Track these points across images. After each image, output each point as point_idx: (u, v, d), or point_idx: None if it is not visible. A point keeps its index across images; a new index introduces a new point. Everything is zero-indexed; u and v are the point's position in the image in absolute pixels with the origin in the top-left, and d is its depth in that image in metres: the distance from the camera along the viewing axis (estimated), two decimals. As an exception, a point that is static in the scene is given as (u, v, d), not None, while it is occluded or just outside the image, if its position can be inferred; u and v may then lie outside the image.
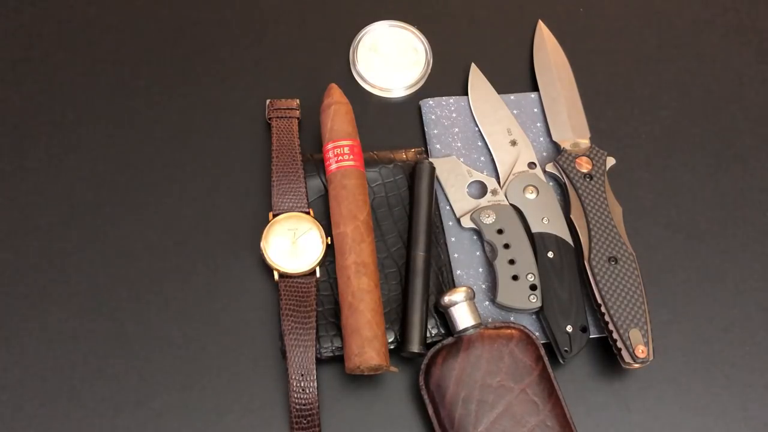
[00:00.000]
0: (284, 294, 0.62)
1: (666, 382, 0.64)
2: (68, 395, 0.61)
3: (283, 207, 0.65)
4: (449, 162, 0.69)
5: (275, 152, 0.67)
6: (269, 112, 0.70)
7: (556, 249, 0.65)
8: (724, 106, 0.75)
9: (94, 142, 0.69)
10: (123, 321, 0.63)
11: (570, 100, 0.73)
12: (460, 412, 0.58)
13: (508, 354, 0.60)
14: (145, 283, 0.64)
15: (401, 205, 0.67)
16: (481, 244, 0.67)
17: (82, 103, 0.71)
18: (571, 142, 0.70)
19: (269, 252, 0.63)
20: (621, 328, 0.61)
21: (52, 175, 0.68)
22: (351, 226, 0.62)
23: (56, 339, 0.62)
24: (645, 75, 0.76)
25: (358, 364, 0.58)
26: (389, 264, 0.65)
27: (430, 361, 0.60)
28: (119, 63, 0.73)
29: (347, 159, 0.64)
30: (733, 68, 0.77)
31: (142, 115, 0.71)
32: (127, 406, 0.61)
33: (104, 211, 0.67)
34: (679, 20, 0.79)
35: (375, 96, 0.74)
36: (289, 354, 0.60)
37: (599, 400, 0.63)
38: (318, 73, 0.74)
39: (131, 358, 0.62)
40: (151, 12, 0.75)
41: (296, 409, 0.60)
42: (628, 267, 0.63)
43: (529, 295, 0.63)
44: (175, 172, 0.69)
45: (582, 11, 0.79)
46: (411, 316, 0.62)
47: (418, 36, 0.75)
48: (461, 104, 0.72)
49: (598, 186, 0.67)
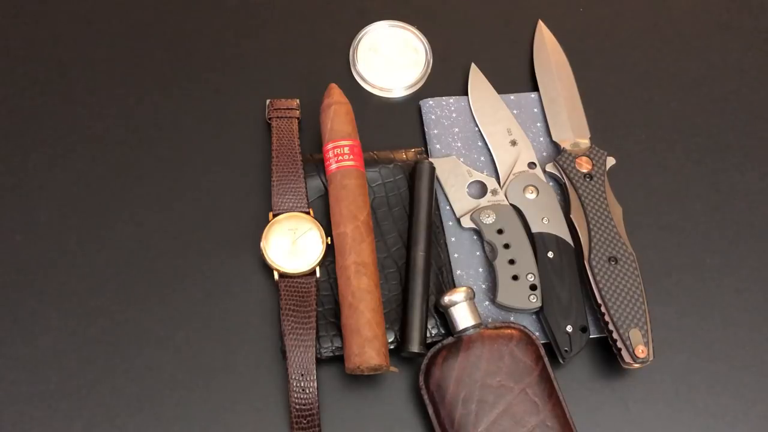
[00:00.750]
0: (284, 294, 0.62)
1: (666, 382, 0.64)
2: (68, 395, 0.61)
3: (283, 207, 0.65)
4: (449, 162, 0.69)
5: (275, 152, 0.67)
6: (269, 112, 0.70)
7: (556, 249, 0.65)
8: (724, 105, 0.75)
9: (93, 142, 0.69)
10: (123, 321, 0.63)
11: (570, 100, 0.73)
12: (460, 412, 0.58)
13: (508, 354, 0.60)
14: (144, 283, 0.64)
15: (401, 205, 0.67)
16: (481, 244, 0.67)
17: (82, 102, 0.71)
18: (571, 142, 0.70)
19: (269, 252, 0.63)
20: (621, 328, 0.61)
21: (52, 175, 0.68)
22: (351, 226, 0.62)
23: (56, 339, 0.62)
24: (645, 75, 0.76)
25: (358, 364, 0.58)
26: (389, 264, 0.65)
27: (430, 361, 0.60)
28: (119, 63, 0.73)
29: (347, 159, 0.64)
30: (734, 68, 0.77)
31: (142, 115, 0.71)
32: (127, 406, 0.61)
33: (104, 210, 0.67)
34: (679, 20, 0.79)
35: (375, 96, 0.74)
36: (289, 354, 0.60)
37: (599, 400, 0.63)
38: (318, 73, 0.74)
39: (131, 358, 0.62)
40: (150, 12, 0.75)
41: (296, 409, 0.60)
42: (628, 267, 0.63)
43: (529, 295, 0.63)
44: (175, 172, 0.69)
45: (582, 11, 0.79)
46: (411, 316, 0.62)
47: (418, 36, 0.75)
48: (461, 104, 0.72)
49: (598, 186, 0.67)
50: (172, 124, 0.71)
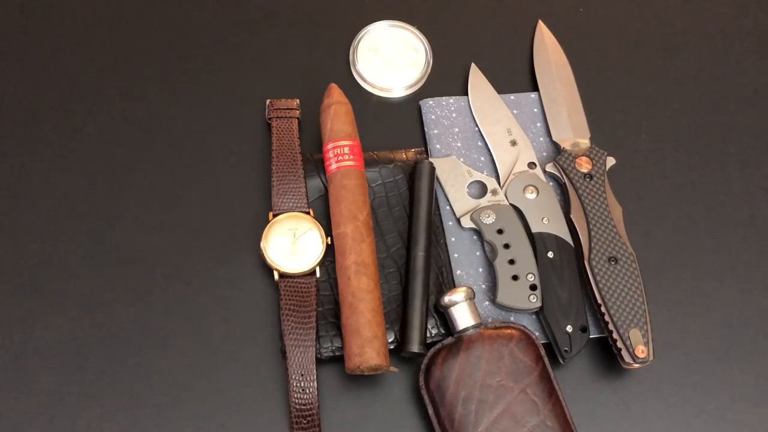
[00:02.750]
0: (284, 294, 0.62)
1: (666, 382, 0.64)
2: (68, 396, 0.61)
3: (283, 207, 0.65)
4: (449, 162, 0.69)
5: (275, 152, 0.67)
6: (269, 112, 0.70)
7: (556, 249, 0.65)
8: (724, 105, 0.75)
9: (93, 142, 0.69)
10: (122, 321, 0.63)
11: (570, 100, 0.73)
12: (460, 412, 0.58)
13: (508, 354, 0.60)
14: (144, 283, 0.64)
15: (401, 205, 0.67)
16: (481, 244, 0.67)
17: (82, 102, 0.71)
18: (571, 142, 0.70)
19: (269, 252, 0.63)
20: (621, 328, 0.61)
21: (52, 175, 0.68)
22: (351, 226, 0.62)
23: (56, 340, 0.62)
24: (645, 75, 0.76)
25: (358, 364, 0.58)
26: (389, 264, 0.65)
27: (430, 361, 0.60)
28: (119, 63, 0.73)
29: (347, 159, 0.64)
30: (733, 68, 0.77)
31: (142, 115, 0.71)
32: (127, 406, 0.61)
33: (103, 211, 0.67)
34: (679, 20, 0.79)
35: (375, 96, 0.74)
36: (289, 354, 0.60)
37: (599, 400, 0.63)
38: (318, 73, 0.74)
39: (131, 358, 0.62)
40: (151, 12, 0.75)
41: (296, 409, 0.60)
42: (628, 267, 0.63)
43: (529, 295, 0.63)
44: (175, 172, 0.69)
45: (582, 11, 0.79)
46: (411, 316, 0.62)
47: (418, 36, 0.75)
48: (461, 104, 0.72)
49: (598, 186, 0.67)
50: (172, 124, 0.71)
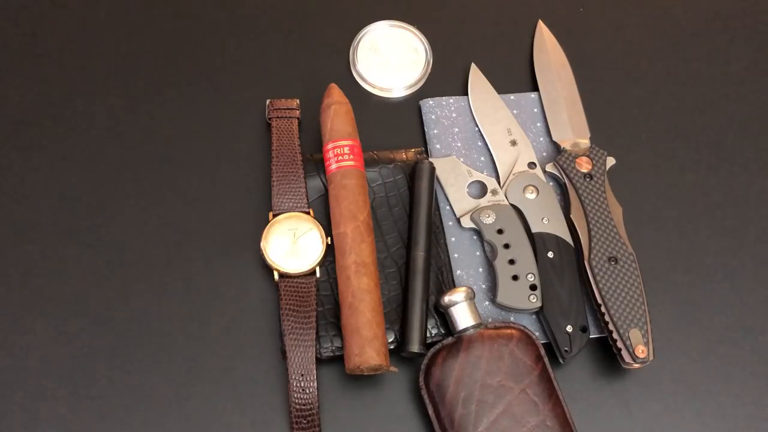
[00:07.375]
0: (284, 294, 0.62)
1: (666, 382, 0.64)
2: (68, 396, 0.61)
3: (283, 207, 0.65)
4: (449, 162, 0.69)
5: (275, 152, 0.67)
6: (269, 112, 0.70)
7: (556, 249, 0.65)
8: (724, 105, 0.75)
9: (93, 142, 0.69)
10: (122, 321, 0.63)
11: (570, 100, 0.73)
12: (460, 412, 0.58)
13: (508, 354, 0.60)
14: (144, 283, 0.64)
15: (401, 205, 0.67)
16: (481, 244, 0.67)
17: (82, 102, 0.71)
18: (571, 142, 0.70)
19: (269, 252, 0.63)
20: (621, 328, 0.61)
21: (52, 174, 0.68)
22: (351, 226, 0.62)
23: (55, 340, 0.62)
24: (645, 75, 0.76)
25: (358, 364, 0.58)
26: (389, 264, 0.65)
27: (430, 361, 0.60)
28: (119, 63, 0.73)
29: (347, 159, 0.64)
30: (734, 68, 0.77)
31: (142, 115, 0.71)
32: (127, 406, 0.61)
33: (103, 210, 0.67)
34: (679, 20, 0.79)
35: (375, 96, 0.74)
36: (289, 354, 0.60)
37: (599, 400, 0.63)
38: (318, 73, 0.74)
39: (130, 357, 0.62)
40: (151, 12, 0.75)
41: (296, 409, 0.60)
42: (628, 267, 0.63)
43: (529, 295, 0.63)
44: (175, 171, 0.69)
45: (582, 11, 0.79)
46: (411, 316, 0.62)
47: (418, 36, 0.75)
48: (461, 104, 0.72)
49: (598, 186, 0.67)
50: (172, 124, 0.71)
